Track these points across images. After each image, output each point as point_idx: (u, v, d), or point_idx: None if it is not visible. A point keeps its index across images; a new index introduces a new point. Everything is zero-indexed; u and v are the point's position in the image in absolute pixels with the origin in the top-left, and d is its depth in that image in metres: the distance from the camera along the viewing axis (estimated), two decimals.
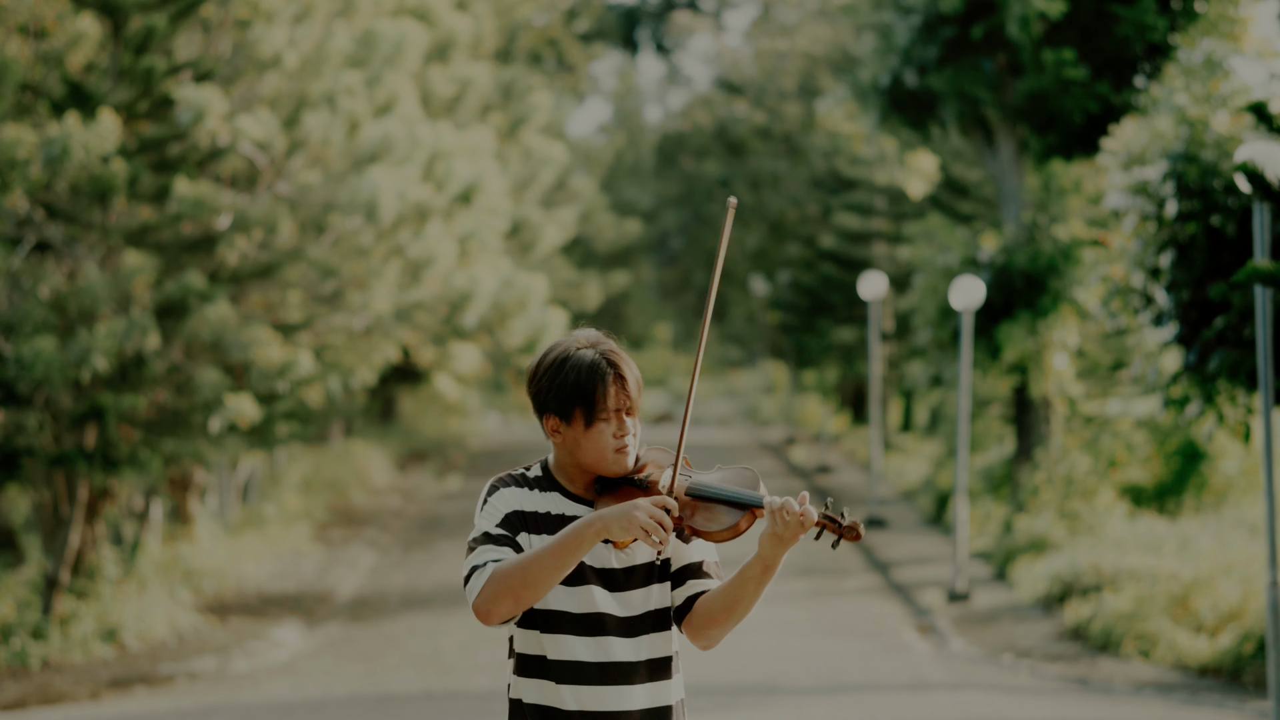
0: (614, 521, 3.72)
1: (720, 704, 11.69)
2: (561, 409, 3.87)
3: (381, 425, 34.67)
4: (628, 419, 3.89)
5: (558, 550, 3.74)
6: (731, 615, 3.86)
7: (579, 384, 3.85)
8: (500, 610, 3.77)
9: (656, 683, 3.90)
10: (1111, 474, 20.04)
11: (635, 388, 3.90)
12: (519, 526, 3.86)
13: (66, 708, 12.61)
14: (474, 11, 23.74)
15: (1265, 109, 11.34)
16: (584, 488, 3.93)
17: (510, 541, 3.83)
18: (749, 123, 39.64)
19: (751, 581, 3.82)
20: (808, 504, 3.77)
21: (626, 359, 3.92)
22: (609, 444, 3.87)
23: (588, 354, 3.89)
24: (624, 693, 3.85)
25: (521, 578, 3.74)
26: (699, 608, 3.90)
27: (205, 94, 13.94)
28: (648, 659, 3.89)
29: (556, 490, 3.92)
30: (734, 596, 3.84)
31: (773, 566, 3.80)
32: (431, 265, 16.71)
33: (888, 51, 21.04)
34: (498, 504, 3.88)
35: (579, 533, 3.74)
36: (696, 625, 3.90)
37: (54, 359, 13.17)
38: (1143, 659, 13.44)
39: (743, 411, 49.14)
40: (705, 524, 3.83)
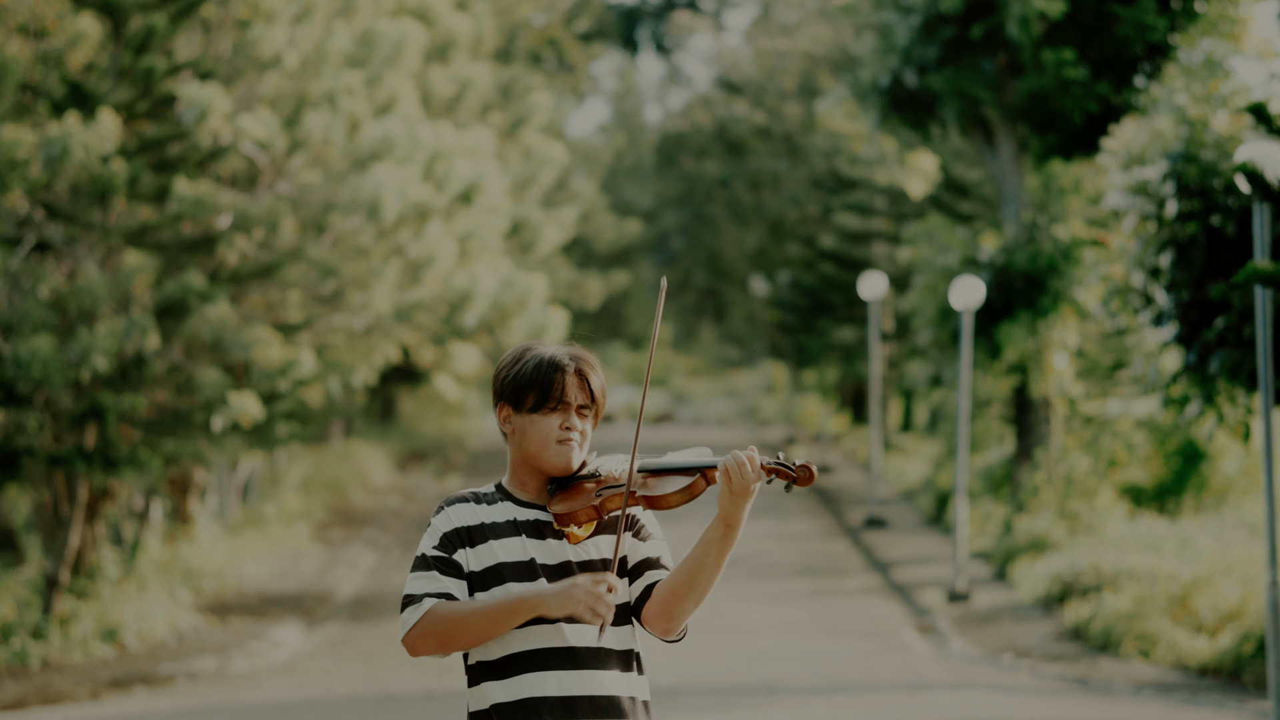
0: (551, 599, 3.72)
1: (720, 704, 11.69)
2: (515, 396, 3.90)
3: (381, 425, 34.66)
4: (577, 419, 3.91)
5: (493, 616, 3.76)
6: (694, 586, 3.83)
7: (538, 370, 3.89)
8: (426, 649, 3.82)
9: (627, 673, 3.89)
10: (1111, 474, 20.04)
11: (598, 390, 3.92)
12: (456, 544, 3.88)
13: (66, 708, 12.61)
14: (474, 11, 23.74)
15: (1265, 109, 11.33)
16: (536, 491, 3.95)
17: (448, 564, 3.86)
18: (749, 123, 39.64)
19: (714, 544, 3.79)
20: (754, 452, 3.76)
21: (593, 361, 3.95)
22: (553, 433, 3.88)
23: (551, 349, 3.94)
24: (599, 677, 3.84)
25: (455, 629, 3.79)
26: (658, 590, 3.87)
27: (208, 92, 13.93)
28: (610, 648, 3.87)
29: (508, 500, 3.94)
30: (697, 564, 3.81)
31: (734, 524, 3.77)
32: (431, 265, 16.71)
33: (888, 51, 21.04)
34: (439, 524, 3.91)
35: (515, 605, 3.75)
36: (656, 608, 3.87)
37: (54, 359, 13.17)
38: (1143, 659, 13.44)
39: (743, 411, 49.14)
40: (660, 489, 3.84)
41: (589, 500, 3.88)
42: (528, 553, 3.87)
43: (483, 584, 3.86)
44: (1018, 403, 21.21)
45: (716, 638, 14.73)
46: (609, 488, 3.89)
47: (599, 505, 3.87)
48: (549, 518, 3.92)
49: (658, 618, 3.88)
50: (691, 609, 3.88)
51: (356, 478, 27.15)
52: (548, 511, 3.92)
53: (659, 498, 3.84)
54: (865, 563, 20.14)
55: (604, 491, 3.88)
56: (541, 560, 3.87)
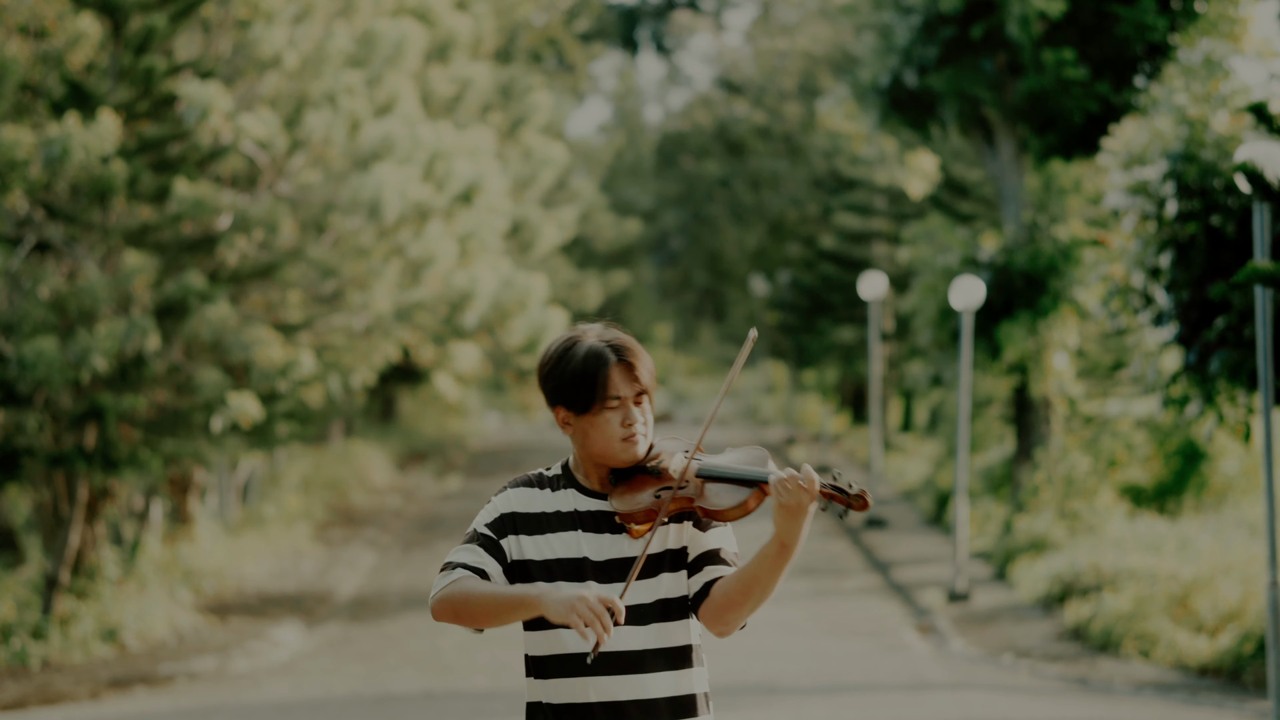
0: (552, 604, 3.65)
1: (720, 704, 11.69)
2: (568, 399, 3.83)
3: (381, 425, 34.66)
4: (635, 407, 3.84)
5: (497, 605, 3.73)
6: (749, 597, 3.79)
7: (583, 370, 3.81)
8: (444, 617, 3.82)
9: (678, 671, 3.86)
10: (1111, 474, 20.04)
11: (646, 374, 3.84)
12: (508, 529, 3.85)
13: (66, 708, 12.60)
14: (474, 11, 23.74)
15: (1265, 109, 11.34)
16: (599, 482, 3.90)
17: (493, 545, 3.84)
18: (749, 123, 39.64)
19: (769, 560, 3.75)
20: (812, 473, 3.71)
21: (635, 346, 3.86)
22: (615, 432, 3.82)
23: (591, 341, 3.85)
24: (636, 682, 3.81)
25: (464, 605, 3.77)
26: (716, 592, 3.83)
27: (209, 91, 13.93)
28: (659, 647, 3.84)
29: (573, 487, 3.89)
30: (751, 576, 3.77)
31: (789, 544, 3.72)
32: (432, 265, 16.71)
33: (888, 51, 21.04)
34: (499, 503, 3.89)
35: (518, 599, 3.71)
36: (714, 610, 3.83)
37: (54, 359, 13.16)
38: (1143, 659, 13.44)
39: (743, 411, 49.15)
40: (716, 503, 3.81)
41: (647, 501, 3.84)
42: (581, 550, 3.83)
43: (541, 575, 3.82)
44: (1018, 403, 21.21)
45: (716, 638, 14.72)
46: (667, 489, 3.84)
47: (657, 508, 3.82)
48: (610, 509, 3.87)
49: (713, 620, 3.85)
50: (746, 616, 3.84)
51: (356, 478, 27.14)
52: (609, 502, 3.87)
53: (717, 511, 3.81)
54: (865, 563, 20.14)
55: (663, 494, 3.83)
56: (594, 558, 3.83)
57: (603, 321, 3.95)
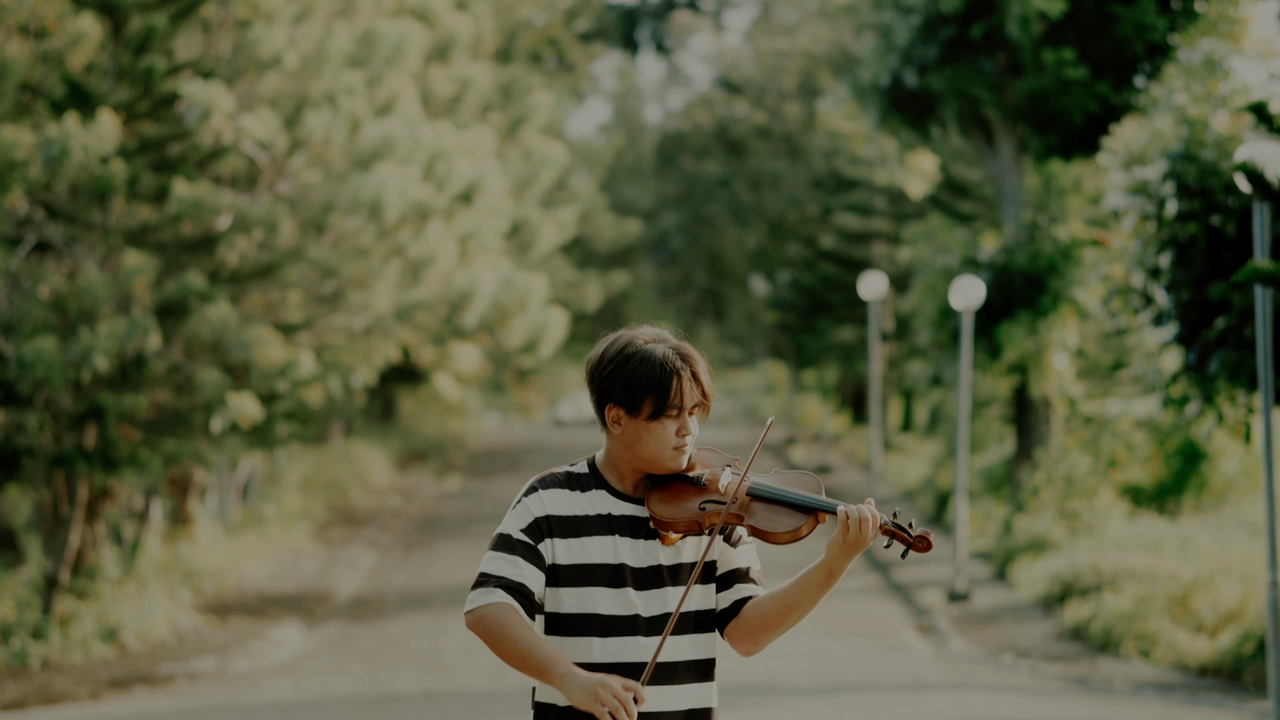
0: (575, 689, 3.61)
1: (720, 704, 11.67)
2: (629, 400, 3.77)
3: (381, 425, 34.66)
4: (690, 419, 3.81)
5: (524, 658, 3.68)
6: (786, 620, 3.80)
7: (654, 376, 3.76)
8: (475, 631, 3.75)
9: (701, 684, 3.85)
10: (1111, 474, 20.04)
11: (708, 385, 3.82)
12: (544, 533, 3.78)
13: (66, 708, 12.60)
14: (474, 11, 23.74)
15: (1265, 109, 11.33)
16: (633, 485, 3.84)
17: (532, 552, 3.75)
18: (749, 123, 39.63)
19: (813, 587, 3.77)
20: (878, 514, 3.75)
21: (699, 357, 3.84)
22: (669, 440, 3.78)
23: (659, 347, 3.80)
24: (664, 692, 3.79)
25: (497, 638, 3.70)
26: (749, 612, 3.82)
27: (211, 90, 13.93)
28: (690, 659, 3.83)
29: (603, 488, 3.84)
30: (793, 601, 3.78)
31: (837, 574, 3.75)
32: (432, 265, 16.71)
33: (888, 51, 21.04)
34: (531, 506, 3.80)
35: (544, 669, 3.66)
36: (745, 630, 3.82)
37: (54, 359, 13.16)
38: (1143, 659, 13.44)
39: (743, 411, 49.13)
40: (768, 524, 3.77)
41: (691, 511, 3.78)
42: (619, 555, 3.78)
43: (570, 579, 3.76)
44: (1018, 403, 21.21)
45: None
46: (713, 502, 3.79)
47: (701, 520, 3.77)
48: (645, 514, 3.82)
49: (742, 639, 3.84)
50: (777, 638, 3.84)
51: (356, 478, 27.15)
52: (644, 507, 3.82)
53: (768, 534, 3.78)
54: (865, 563, 20.14)
55: (708, 505, 3.78)
56: (632, 564, 3.78)
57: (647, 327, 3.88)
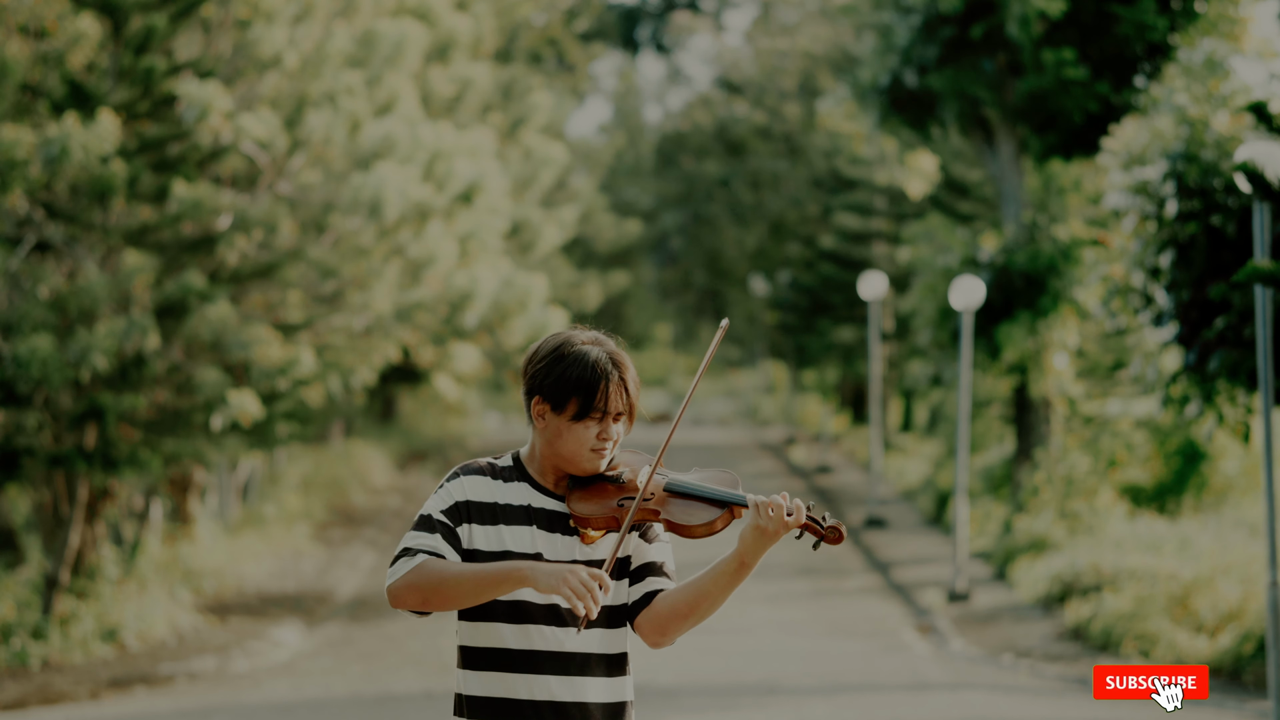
0: (544, 576, 3.67)
1: (720, 704, 11.69)
2: (556, 396, 3.83)
3: (381, 425, 34.66)
4: (614, 424, 3.86)
5: (477, 582, 3.72)
6: (695, 611, 3.82)
7: (582, 377, 3.82)
8: (407, 602, 3.77)
9: (613, 678, 3.87)
10: (1111, 474, 20.04)
11: (636, 397, 3.87)
12: (462, 517, 3.84)
13: (66, 708, 12.60)
14: (474, 11, 23.74)
15: (1265, 109, 11.34)
16: (554, 481, 3.90)
17: (450, 533, 3.81)
18: (749, 123, 39.64)
19: (725, 577, 3.78)
20: (798, 504, 3.74)
21: (629, 363, 3.89)
22: (588, 442, 3.84)
23: (594, 350, 3.86)
24: (575, 684, 3.82)
25: (436, 586, 3.74)
26: (659, 604, 3.85)
27: (209, 90, 13.93)
28: (600, 653, 3.85)
29: (525, 481, 3.89)
30: (704, 591, 3.80)
31: (749, 564, 3.76)
32: (432, 265, 16.71)
33: (888, 51, 21.04)
34: (452, 490, 3.86)
35: (503, 575, 3.71)
36: (655, 621, 3.85)
37: (53, 359, 13.16)
38: (1143, 659, 13.44)
39: (743, 411, 49.13)
40: (684, 518, 3.80)
41: (609, 508, 3.84)
42: (536, 546, 3.84)
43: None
44: (1018, 403, 21.21)
45: (716, 638, 14.73)
46: (630, 497, 3.84)
47: (619, 516, 3.83)
48: (565, 510, 3.87)
49: (652, 630, 3.86)
50: (686, 630, 3.86)
51: (356, 478, 27.14)
52: (564, 503, 3.88)
53: (683, 527, 3.81)
54: (865, 563, 20.14)
55: (625, 502, 3.84)
56: (548, 556, 3.84)
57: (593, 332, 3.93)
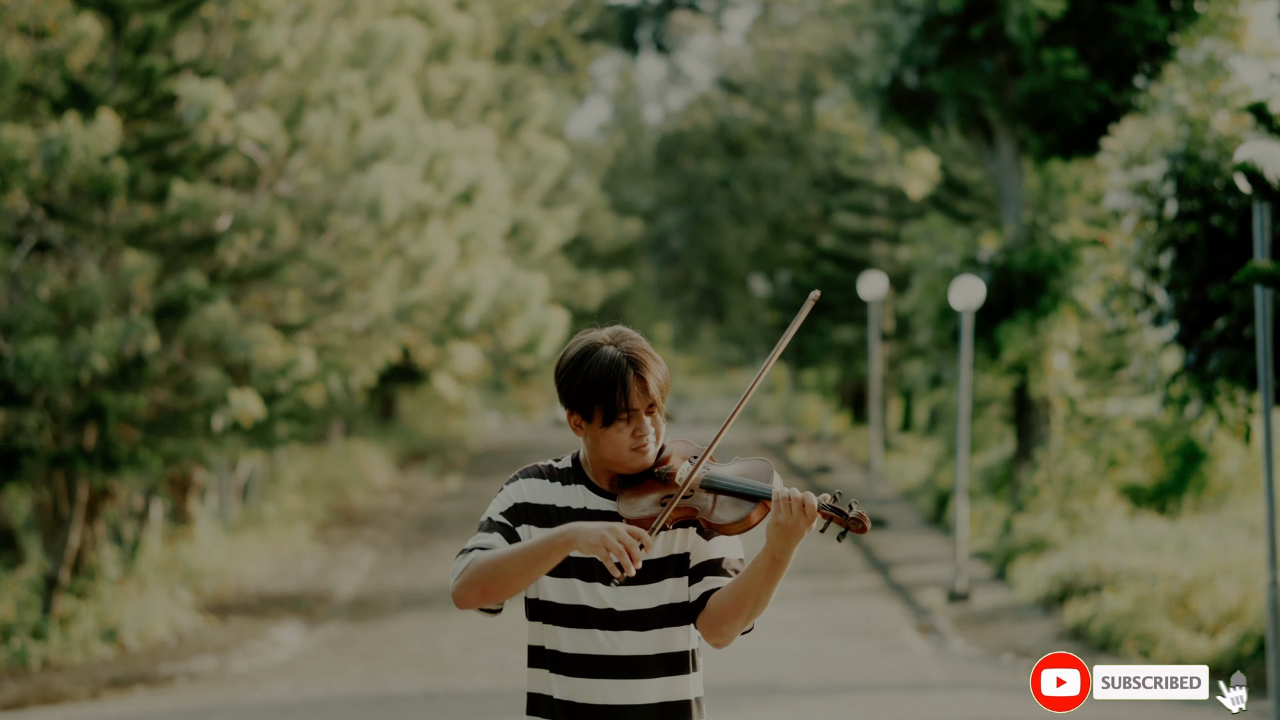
0: (583, 535, 3.71)
1: (720, 704, 11.69)
2: (582, 406, 3.86)
3: (381, 425, 34.66)
4: (647, 417, 3.87)
5: (528, 555, 3.75)
6: (741, 610, 3.83)
7: (598, 382, 3.83)
8: (468, 598, 3.79)
9: (673, 677, 3.89)
10: (1111, 474, 20.04)
11: (656, 386, 3.87)
12: (522, 518, 3.87)
13: (66, 708, 12.60)
14: (474, 11, 23.74)
15: (1265, 109, 11.33)
16: (608, 482, 3.93)
17: (510, 533, 3.85)
18: (749, 123, 39.64)
19: (760, 574, 3.79)
20: (812, 498, 3.75)
21: (650, 355, 3.89)
22: (626, 443, 3.86)
23: (609, 351, 3.86)
24: (629, 686, 3.83)
25: (491, 573, 3.76)
26: (711, 604, 3.87)
27: (209, 90, 13.93)
28: (660, 653, 3.87)
29: (583, 483, 3.92)
30: (743, 590, 3.82)
31: (781, 559, 3.77)
32: (432, 265, 16.71)
33: (888, 51, 21.04)
34: (510, 493, 3.90)
35: (550, 542, 3.74)
36: (710, 622, 3.87)
37: (54, 359, 13.16)
38: (1143, 659, 13.44)
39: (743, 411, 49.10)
40: (720, 516, 3.84)
41: (653, 509, 3.86)
42: None
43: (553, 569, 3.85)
44: (1018, 403, 21.21)
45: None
46: (670, 496, 3.87)
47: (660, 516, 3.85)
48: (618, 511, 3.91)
49: (709, 631, 3.89)
50: (740, 629, 3.88)
51: (356, 478, 27.14)
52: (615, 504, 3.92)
53: (719, 526, 3.84)
54: (865, 563, 20.14)
55: (668, 500, 3.86)
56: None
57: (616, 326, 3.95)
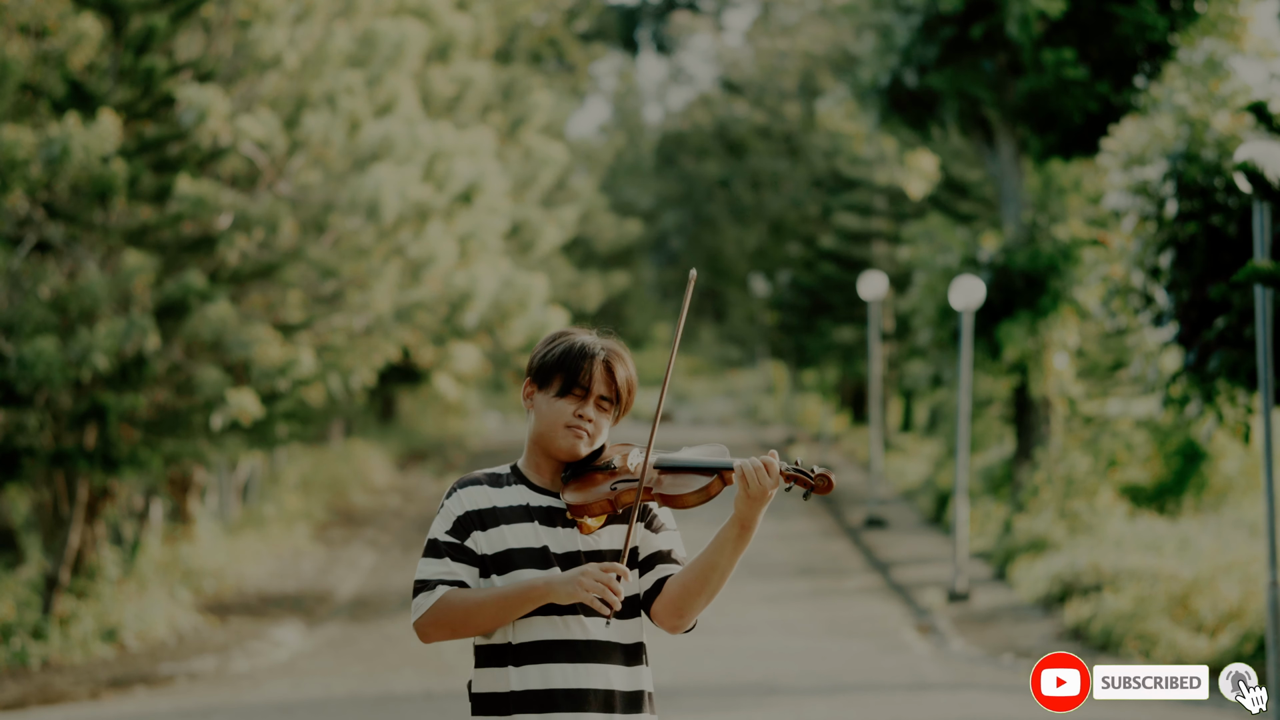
0: (561, 587, 3.76)
1: (720, 704, 11.69)
2: (543, 375, 3.95)
3: (381, 425, 34.66)
4: (596, 411, 3.93)
5: (503, 604, 3.80)
6: (707, 584, 3.86)
7: (569, 355, 3.93)
8: (437, 636, 3.85)
9: (631, 667, 3.92)
10: (1111, 474, 20.04)
11: (623, 385, 3.94)
12: (469, 528, 3.90)
13: (66, 708, 12.61)
14: (474, 11, 23.74)
15: (1265, 109, 11.33)
16: (550, 477, 3.97)
17: (459, 550, 3.88)
18: (749, 123, 39.64)
19: (729, 544, 3.83)
20: (774, 460, 3.79)
21: (624, 357, 3.97)
22: (564, 417, 3.91)
23: (589, 337, 3.98)
24: (592, 671, 3.86)
25: (465, 617, 3.82)
26: (670, 586, 3.90)
27: (208, 94, 13.94)
28: (615, 641, 3.89)
29: (522, 484, 3.96)
30: (710, 563, 3.85)
31: (749, 526, 3.81)
32: (432, 265, 16.71)
33: (888, 51, 21.04)
34: (451, 507, 3.93)
35: (523, 594, 3.79)
36: (670, 604, 3.90)
37: (54, 359, 13.17)
38: (1143, 659, 13.44)
39: (743, 411, 49.13)
40: (677, 489, 3.86)
41: (603, 493, 3.89)
42: (540, 540, 3.89)
43: (495, 568, 3.87)
44: (1018, 403, 21.21)
45: (716, 638, 14.73)
46: (623, 481, 3.90)
47: (613, 499, 3.88)
48: (562, 505, 3.93)
49: (668, 613, 3.91)
50: (702, 606, 3.91)
51: (356, 478, 27.14)
52: (561, 499, 3.94)
53: (676, 497, 3.87)
54: (865, 563, 20.14)
55: (618, 485, 3.89)
56: (554, 549, 3.89)
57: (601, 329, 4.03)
